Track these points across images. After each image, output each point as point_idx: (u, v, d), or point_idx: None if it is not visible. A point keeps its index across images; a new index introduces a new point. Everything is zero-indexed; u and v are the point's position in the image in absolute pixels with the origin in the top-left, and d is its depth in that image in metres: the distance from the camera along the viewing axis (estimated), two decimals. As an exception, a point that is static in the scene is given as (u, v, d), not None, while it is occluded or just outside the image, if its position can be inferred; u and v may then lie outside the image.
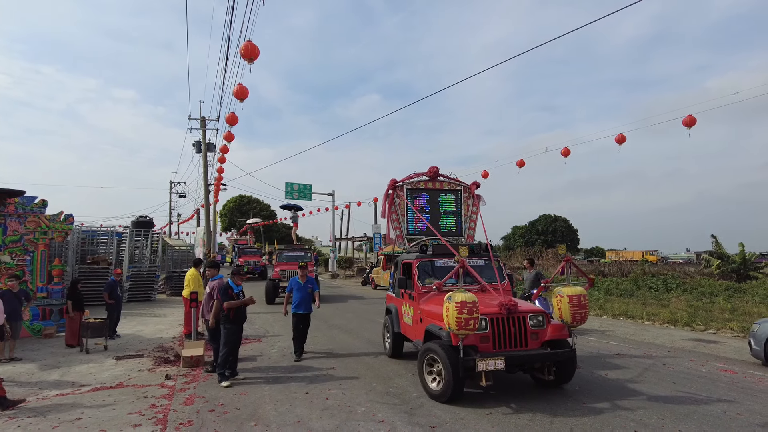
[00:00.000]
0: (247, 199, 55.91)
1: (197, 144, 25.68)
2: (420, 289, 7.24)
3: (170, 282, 22.42)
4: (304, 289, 8.67)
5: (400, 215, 8.60)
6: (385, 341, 8.88)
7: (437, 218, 8.74)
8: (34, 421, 5.49)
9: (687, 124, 11.36)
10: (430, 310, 6.73)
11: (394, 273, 8.85)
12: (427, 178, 8.85)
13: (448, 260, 7.47)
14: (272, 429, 5.16)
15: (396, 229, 8.60)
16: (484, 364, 5.54)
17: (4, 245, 10.88)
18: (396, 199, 8.61)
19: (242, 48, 7.39)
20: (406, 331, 7.82)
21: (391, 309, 8.56)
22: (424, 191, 8.83)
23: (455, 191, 9.02)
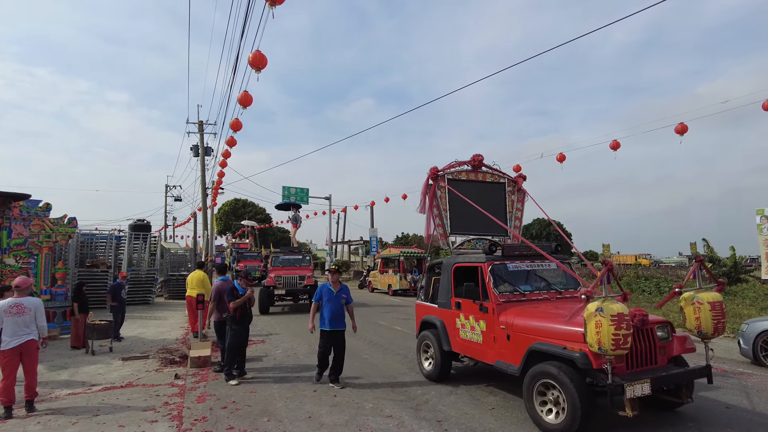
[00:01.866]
0: (242, 203, 55.95)
1: (195, 148, 25.82)
2: (497, 299, 5.94)
3: (168, 285, 22.52)
4: (337, 300, 6.96)
5: (442, 210, 7.40)
6: (423, 361, 7.37)
7: (481, 214, 7.52)
8: (53, 418, 5.66)
9: (679, 132, 11.70)
10: (533, 326, 5.40)
11: (428, 278, 7.86)
12: (470, 167, 7.76)
13: (521, 263, 6.48)
14: (285, 424, 5.37)
15: (438, 226, 7.40)
16: (632, 389, 4.53)
17: (8, 248, 11.01)
18: (437, 191, 7.45)
19: (251, 57, 7.60)
20: (468, 350, 6.50)
21: (434, 322, 7.16)
22: (465, 182, 7.71)
23: (498, 184, 7.99)
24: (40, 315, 6.11)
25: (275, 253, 19.35)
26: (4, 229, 11.07)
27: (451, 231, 7.47)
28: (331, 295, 6.98)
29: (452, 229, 7.49)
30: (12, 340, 5.78)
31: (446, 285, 6.98)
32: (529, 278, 6.49)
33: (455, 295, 6.76)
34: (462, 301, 6.57)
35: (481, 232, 7.67)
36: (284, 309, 17.38)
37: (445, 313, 7.01)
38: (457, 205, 7.48)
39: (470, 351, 6.48)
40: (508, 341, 5.69)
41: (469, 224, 7.61)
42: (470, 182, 7.77)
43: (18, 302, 5.95)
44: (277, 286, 16.40)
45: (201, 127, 24.94)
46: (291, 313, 16.06)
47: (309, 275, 16.99)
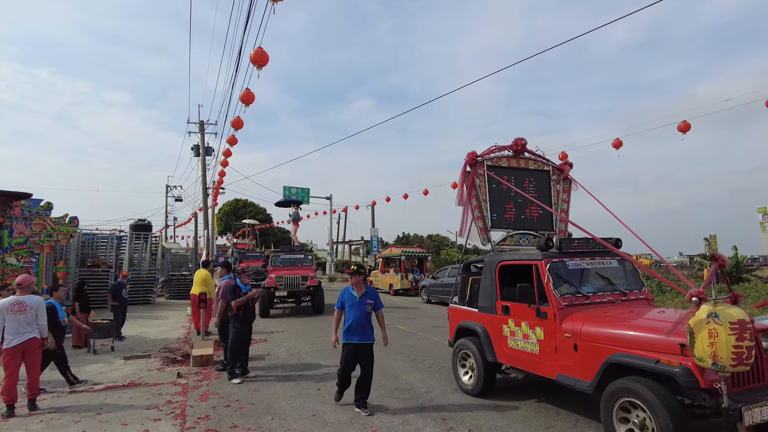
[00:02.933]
0: (243, 203, 55.90)
1: (196, 148, 25.80)
2: (558, 302, 5.12)
3: (169, 285, 22.51)
4: (361, 307, 5.71)
5: (481, 200, 6.54)
6: (461, 373, 6.50)
7: (523, 206, 6.82)
8: (56, 416, 5.63)
9: (682, 130, 11.68)
10: (610, 334, 4.58)
11: (464, 278, 7.08)
12: (511, 152, 6.93)
13: (581, 260, 5.62)
14: (289, 422, 5.34)
15: (478, 219, 6.53)
16: (751, 414, 3.73)
17: (10, 247, 10.98)
18: (476, 178, 6.59)
19: (252, 54, 7.58)
20: (518, 361, 5.65)
21: (474, 329, 6.30)
22: (506, 170, 6.87)
23: (542, 172, 7.14)
24: (41, 314, 6.08)
25: (275, 252, 18.08)
26: (6, 229, 11.03)
27: (491, 225, 6.58)
28: (354, 300, 5.72)
29: (493, 222, 6.60)
30: (14, 338, 5.75)
31: (489, 286, 6.09)
32: (590, 278, 5.69)
33: (501, 298, 5.92)
34: (511, 304, 5.72)
35: (524, 225, 6.82)
36: (285, 311, 16.56)
37: (488, 318, 6.11)
38: (497, 195, 6.68)
39: (522, 362, 5.61)
40: (576, 352, 4.86)
41: (512, 217, 6.77)
42: (511, 169, 6.89)
43: (19, 300, 5.92)
44: (278, 287, 15.32)
45: (202, 127, 24.92)
46: (292, 315, 15.54)
47: (312, 275, 16.08)
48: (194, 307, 10.86)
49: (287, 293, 15.45)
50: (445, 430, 5.06)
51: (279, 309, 16.88)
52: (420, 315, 14.95)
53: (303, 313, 16.21)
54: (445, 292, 18.20)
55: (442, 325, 12.69)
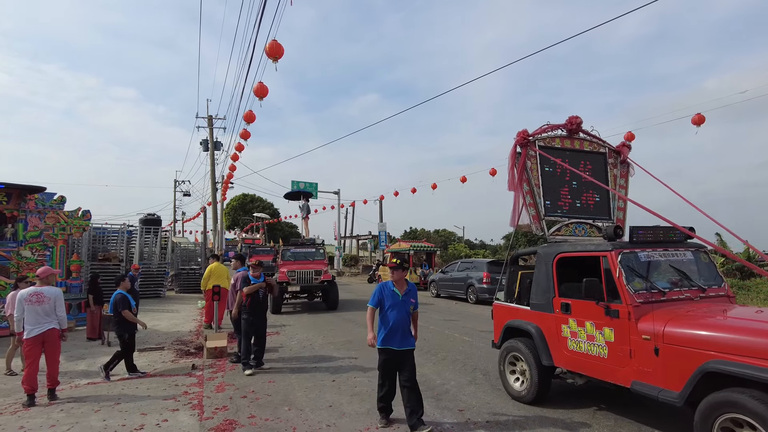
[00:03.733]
0: (251, 198, 56.10)
1: (204, 142, 25.86)
2: (633, 299, 4.52)
3: (179, 279, 22.64)
4: (404, 306, 4.95)
5: (533, 185, 5.93)
6: (510, 378, 5.87)
7: (579, 191, 6.21)
8: (75, 406, 5.69)
9: (696, 123, 11.56)
10: (705, 337, 3.98)
11: (512, 272, 6.44)
12: (564, 132, 6.33)
13: (653, 251, 5.02)
14: (306, 413, 5.36)
15: (530, 206, 5.93)
16: None
17: (24, 240, 11.08)
18: (527, 161, 5.96)
19: (267, 47, 7.57)
20: (581, 365, 5.04)
21: (526, 329, 5.67)
22: (559, 151, 6.24)
23: (598, 154, 6.51)
24: (59, 305, 6.15)
25: (286, 246, 17.34)
26: (21, 222, 11.15)
27: (545, 212, 5.94)
28: (396, 299, 4.91)
29: (546, 210, 5.96)
30: (34, 329, 5.82)
31: (545, 281, 5.48)
32: (664, 271, 5.10)
33: (560, 295, 5.31)
34: (572, 302, 5.11)
35: (580, 213, 6.17)
36: (296, 308, 15.93)
37: (543, 317, 5.48)
38: (550, 179, 6.05)
39: (585, 367, 5.01)
40: (657, 357, 4.26)
41: (566, 204, 6.14)
42: (565, 151, 6.26)
43: (38, 291, 5.99)
44: (290, 282, 14.61)
45: (210, 122, 24.98)
46: (304, 312, 15.12)
47: (325, 270, 15.33)
48: (209, 300, 10.95)
49: (300, 288, 14.88)
50: (463, 420, 5.06)
51: (289, 305, 16.40)
52: (430, 309, 14.97)
53: (315, 309, 15.78)
54: (454, 286, 18.21)
55: (452, 319, 12.71)
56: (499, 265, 17.56)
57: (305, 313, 14.75)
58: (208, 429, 4.89)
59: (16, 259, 10.86)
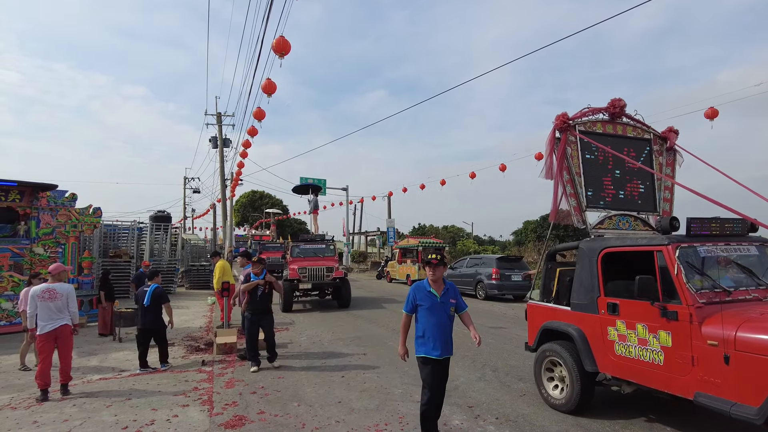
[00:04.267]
0: (260, 195, 56.34)
1: (213, 139, 25.97)
2: (694, 300, 4.06)
3: (189, 275, 22.80)
4: (443, 309, 4.33)
5: (574, 173, 5.45)
6: (548, 385, 5.44)
7: (622, 181, 5.76)
8: (88, 401, 5.75)
9: (709, 116, 11.40)
10: None
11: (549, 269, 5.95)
12: (606, 116, 5.86)
13: (714, 246, 4.55)
14: (316, 409, 5.37)
15: (570, 197, 5.45)
16: None
17: (37, 237, 11.21)
18: (567, 147, 5.49)
19: (274, 43, 7.56)
20: (631, 372, 4.59)
21: (566, 332, 5.20)
22: (601, 137, 5.75)
23: (643, 140, 6.00)
24: (71, 301, 6.21)
25: (295, 242, 16.76)
26: (33, 219, 11.27)
27: (587, 204, 5.46)
28: (434, 300, 4.29)
29: (588, 201, 5.48)
30: (47, 325, 5.89)
31: (588, 279, 5.01)
32: (726, 268, 4.63)
33: (606, 294, 4.85)
34: (621, 302, 4.66)
35: (624, 205, 5.72)
36: (306, 306, 15.41)
37: (586, 319, 5.02)
38: (592, 167, 5.59)
39: (636, 374, 4.56)
40: (727, 366, 3.78)
41: (609, 195, 5.66)
42: (607, 137, 5.78)
43: (50, 287, 6.05)
44: (301, 279, 14.12)
45: (219, 119, 25.08)
46: (314, 310, 14.71)
47: (337, 266, 14.90)
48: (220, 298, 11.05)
49: (311, 286, 14.43)
50: (473, 417, 5.05)
51: (299, 303, 15.80)
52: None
53: (325, 307, 15.32)
54: (463, 282, 18.15)
55: (461, 315, 12.66)
56: (509, 261, 17.48)
57: (314, 309, 14.76)
58: (218, 425, 4.92)
59: (29, 256, 11.00)
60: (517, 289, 16.55)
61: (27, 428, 4.92)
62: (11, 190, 10.96)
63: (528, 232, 61.78)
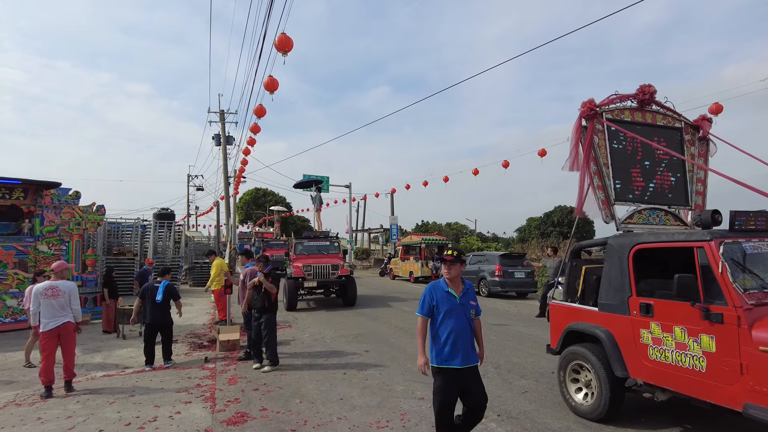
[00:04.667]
0: (263, 192, 56.37)
1: (216, 137, 25.99)
2: (742, 301, 3.72)
3: (192, 273, 22.87)
4: (463, 312, 3.80)
5: (602, 164, 5.13)
6: (572, 390, 5.11)
7: (652, 173, 5.40)
8: (91, 398, 5.79)
9: (713, 112, 11.32)
10: None
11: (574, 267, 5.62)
12: (634, 104, 5.51)
13: (761, 242, 4.20)
14: (317, 405, 5.39)
15: (599, 189, 5.11)
16: None
17: (41, 235, 11.27)
18: (594, 136, 5.17)
19: (276, 40, 7.55)
20: (668, 379, 4.24)
21: (593, 334, 4.86)
22: (629, 125, 5.39)
23: (673, 129, 5.64)
24: (74, 299, 6.25)
25: (298, 239, 16.25)
26: (37, 217, 11.33)
27: (616, 197, 5.12)
28: (452, 302, 3.74)
29: (617, 194, 5.14)
30: (50, 322, 5.93)
31: (618, 278, 4.68)
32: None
33: (638, 294, 4.50)
34: (655, 302, 4.29)
35: (654, 198, 5.35)
36: (310, 304, 15.05)
37: (616, 320, 4.68)
38: (621, 157, 5.26)
39: (673, 381, 4.19)
40: None
41: (638, 187, 5.30)
42: (635, 125, 5.43)
43: (53, 285, 6.09)
44: (306, 277, 13.75)
45: (222, 117, 25.09)
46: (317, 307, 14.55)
47: (342, 264, 14.56)
48: (218, 297, 11.14)
49: (317, 284, 14.08)
50: (474, 414, 5.04)
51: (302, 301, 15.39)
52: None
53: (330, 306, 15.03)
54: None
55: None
56: (512, 258, 17.44)
57: (317, 306, 14.77)
58: (220, 421, 4.94)
59: (33, 254, 11.06)
60: (520, 286, 16.54)
61: (31, 425, 4.95)
62: (15, 188, 11.01)
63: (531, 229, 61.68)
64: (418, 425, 4.78)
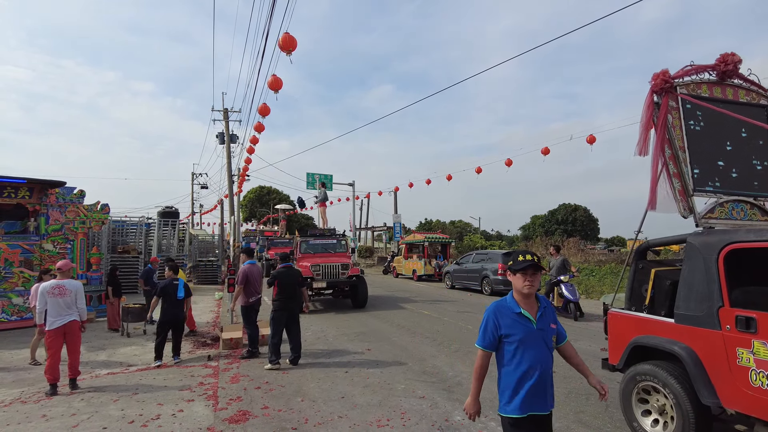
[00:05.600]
0: (267, 190, 56.56)
1: (220, 135, 26.12)
2: None
3: (197, 270, 22.99)
4: (542, 340, 2.77)
5: (677, 148, 4.38)
6: (638, 415, 4.36)
7: (734, 157, 4.66)
8: (95, 395, 5.85)
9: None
10: None
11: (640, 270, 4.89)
12: (713, 76, 4.73)
13: None
14: (319, 404, 5.43)
15: (674, 177, 4.37)
16: None
17: (47, 234, 11.36)
18: (668, 115, 4.43)
19: (280, 40, 7.57)
20: None
21: (670, 351, 4.08)
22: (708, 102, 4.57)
23: (758, 107, 4.87)
24: (80, 297, 6.32)
25: (304, 237, 15.35)
26: (42, 216, 11.42)
27: (695, 187, 4.35)
28: (528, 327, 2.77)
29: (695, 182, 4.36)
30: (56, 320, 6.00)
31: (703, 284, 3.89)
32: None
33: (732, 304, 3.70)
34: (759, 315, 3.47)
35: (739, 187, 4.59)
36: (316, 306, 14.23)
37: (701, 335, 3.85)
38: (699, 139, 4.50)
39: None
40: None
41: (720, 174, 4.53)
42: (715, 101, 4.64)
43: (60, 284, 6.15)
44: (315, 277, 13.00)
45: (226, 115, 25.19)
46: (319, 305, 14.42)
47: (351, 264, 13.89)
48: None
49: (326, 284, 13.37)
50: (474, 413, 5.07)
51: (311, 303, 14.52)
52: (444, 300, 14.98)
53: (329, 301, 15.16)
54: (469, 277, 18.16)
55: (467, 311, 12.69)
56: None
57: (319, 305, 14.80)
58: (222, 419, 4.99)
59: (39, 252, 11.15)
60: (523, 284, 16.50)
61: (36, 422, 5.01)
62: (21, 187, 11.10)
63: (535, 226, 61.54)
64: (419, 424, 4.81)
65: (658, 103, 4.49)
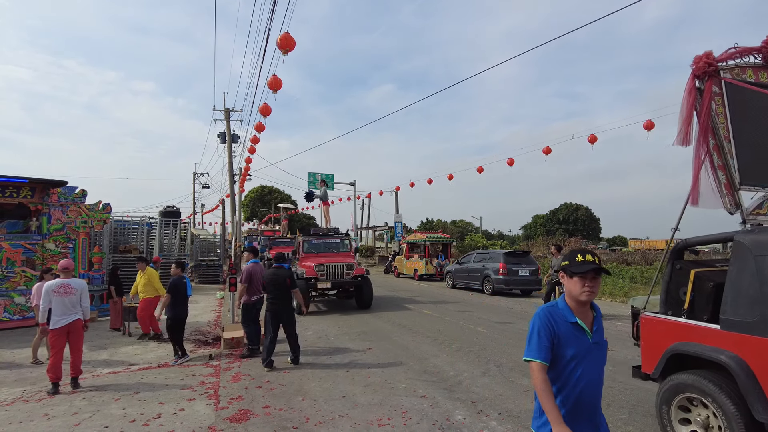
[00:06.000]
0: (269, 190, 56.60)
1: (222, 135, 26.08)
2: None
3: (198, 270, 23.02)
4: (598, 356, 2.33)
5: (722, 138, 4.04)
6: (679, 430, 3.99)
7: None
8: (97, 394, 5.86)
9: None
10: None
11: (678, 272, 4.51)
12: (759, 59, 4.36)
13: None
14: (320, 403, 5.43)
15: (719, 169, 4.04)
16: None
17: (48, 233, 11.38)
18: (712, 102, 4.06)
19: (279, 39, 7.59)
20: None
21: (719, 360, 3.65)
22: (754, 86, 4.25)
23: None
24: (84, 297, 6.35)
25: (306, 237, 14.94)
26: (44, 215, 11.44)
27: (742, 180, 4.02)
28: (584, 342, 2.30)
29: (743, 175, 4.03)
30: (60, 319, 6.02)
31: (755, 287, 3.51)
32: None
33: None
34: None
35: None
36: (319, 307, 14.01)
37: (752, 343, 3.47)
38: (745, 127, 4.16)
39: None
40: None
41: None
42: (762, 86, 4.31)
43: (65, 283, 6.18)
44: (319, 277, 12.75)
45: (227, 114, 25.19)
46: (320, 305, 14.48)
47: (356, 264, 13.58)
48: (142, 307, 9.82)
49: (331, 285, 13.06)
50: (475, 413, 5.07)
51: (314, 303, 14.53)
52: (446, 300, 14.97)
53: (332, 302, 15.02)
54: (470, 277, 18.16)
55: (468, 310, 12.68)
56: (516, 255, 17.42)
57: (320, 304, 14.80)
58: (223, 418, 5.00)
59: (41, 252, 11.17)
60: (525, 284, 16.53)
61: (38, 421, 5.03)
62: (23, 186, 11.12)
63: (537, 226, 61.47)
64: (420, 423, 4.81)
65: (700, 89, 4.12)
